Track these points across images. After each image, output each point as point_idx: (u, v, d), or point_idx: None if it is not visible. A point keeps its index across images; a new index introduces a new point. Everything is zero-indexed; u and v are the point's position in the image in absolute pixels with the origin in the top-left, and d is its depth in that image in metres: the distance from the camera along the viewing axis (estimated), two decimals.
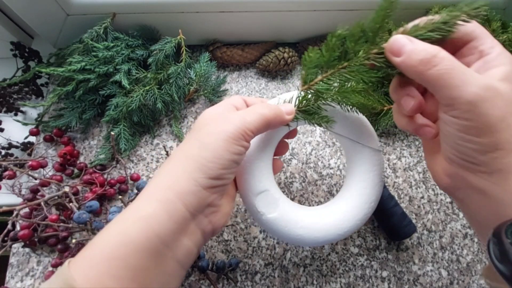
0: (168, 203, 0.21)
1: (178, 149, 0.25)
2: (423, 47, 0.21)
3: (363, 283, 0.40)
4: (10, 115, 0.49)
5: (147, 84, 0.45)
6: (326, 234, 0.29)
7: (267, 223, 0.29)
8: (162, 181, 0.22)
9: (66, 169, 0.43)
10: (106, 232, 0.21)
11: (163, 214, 0.21)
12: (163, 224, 0.21)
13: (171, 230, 0.21)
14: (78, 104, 0.45)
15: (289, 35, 0.54)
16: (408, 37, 0.22)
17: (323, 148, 0.48)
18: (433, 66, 0.20)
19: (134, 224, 0.20)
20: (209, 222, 0.24)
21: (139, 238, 0.20)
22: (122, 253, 0.19)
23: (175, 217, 0.21)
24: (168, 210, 0.21)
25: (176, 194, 0.21)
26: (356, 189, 0.31)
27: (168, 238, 0.21)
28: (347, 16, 0.50)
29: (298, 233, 0.29)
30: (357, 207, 0.31)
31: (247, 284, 0.39)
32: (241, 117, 0.24)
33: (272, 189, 0.29)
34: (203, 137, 0.23)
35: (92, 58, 0.43)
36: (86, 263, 0.20)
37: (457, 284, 0.41)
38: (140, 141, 0.47)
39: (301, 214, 0.30)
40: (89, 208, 0.36)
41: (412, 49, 0.21)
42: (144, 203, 0.22)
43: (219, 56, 0.52)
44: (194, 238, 0.23)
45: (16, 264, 0.38)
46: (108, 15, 0.45)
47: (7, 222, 0.35)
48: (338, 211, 0.31)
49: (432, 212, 0.45)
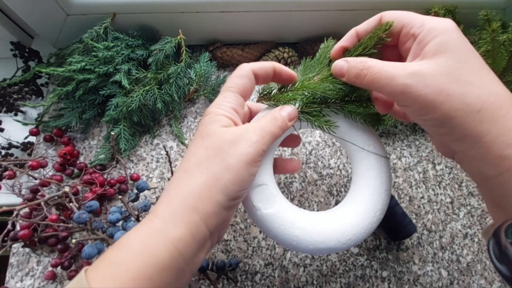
0: (194, 226, 0.22)
1: (195, 163, 0.24)
2: (353, 65, 0.25)
3: (363, 283, 0.40)
4: (10, 115, 0.49)
5: (147, 84, 0.45)
6: (325, 239, 0.27)
7: (262, 219, 0.27)
8: (187, 199, 0.23)
9: (66, 169, 0.43)
10: (130, 250, 0.21)
11: (188, 236, 0.22)
12: (188, 246, 0.22)
13: (194, 249, 0.22)
14: (78, 104, 0.45)
15: (289, 35, 0.54)
16: (344, 59, 0.27)
17: (323, 148, 0.48)
18: (364, 76, 0.25)
19: (162, 247, 0.21)
20: (218, 234, 0.26)
21: (166, 259, 0.21)
22: (149, 274, 0.20)
23: (198, 237, 0.22)
24: (193, 232, 0.22)
25: (201, 217, 0.22)
26: (361, 196, 0.29)
27: (190, 257, 0.22)
28: (347, 16, 0.50)
29: (294, 234, 0.27)
30: (361, 214, 0.28)
31: (247, 284, 0.39)
32: (256, 138, 0.24)
33: (270, 184, 0.28)
34: (224, 158, 0.23)
35: (92, 58, 0.43)
36: (110, 281, 0.20)
37: (457, 284, 0.41)
38: (140, 141, 0.47)
39: (299, 215, 0.28)
40: (89, 208, 0.36)
41: (348, 69, 0.26)
42: (169, 223, 0.22)
43: (219, 56, 0.52)
44: (207, 250, 0.25)
45: (16, 264, 0.38)
46: (108, 15, 0.45)
47: (7, 222, 0.34)
48: (340, 217, 0.29)
49: (432, 212, 0.45)
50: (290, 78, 0.29)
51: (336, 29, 0.53)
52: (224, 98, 0.26)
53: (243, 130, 0.25)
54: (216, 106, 0.26)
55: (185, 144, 0.47)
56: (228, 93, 0.27)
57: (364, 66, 0.24)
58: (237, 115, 0.27)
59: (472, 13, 0.46)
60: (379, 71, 0.23)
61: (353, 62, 0.26)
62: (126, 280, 0.20)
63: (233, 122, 0.26)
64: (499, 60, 0.40)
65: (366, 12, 0.49)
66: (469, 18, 0.48)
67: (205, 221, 0.22)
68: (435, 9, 0.48)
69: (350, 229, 0.28)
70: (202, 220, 0.22)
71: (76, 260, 0.39)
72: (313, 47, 0.52)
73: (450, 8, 0.49)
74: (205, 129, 0.25)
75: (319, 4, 0.47)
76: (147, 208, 0.38)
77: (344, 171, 0.46)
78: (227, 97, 0.27)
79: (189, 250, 0.22)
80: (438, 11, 0.48)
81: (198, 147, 0.25)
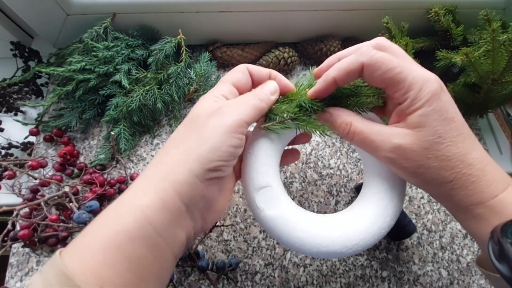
0: (163, 193, 0.21)
1: (173, 139, 0.24)
2: (339, 124, 0.27)
3: (363, 283, 0.40)
4: (10, 115, 0.49)
5: (147, 84, 0.45)
6: (330, 243, 0.26)
7: (265, 220, 0.27)
8: (158, 171, 0.22)
9: (66, 169, 0.43)
10: (99, 221, 0.21)
11: (157, 203, 0.21)
12: (157, 214, 0.21)
13: (166, 220, 0.21)
14: (78, 104, 0.45)
15: (289, 35, 0.54)
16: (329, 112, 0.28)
17: (323, 148, 0.48)
18: (351, 139, 0.26)
19: (129, 213, 0.20)
20: (202, 217, 0.24)
21: (134, 227, 0.20)
22: (118, 242, 0.19)
23: (169, 207, 0.21)
24: (163, 200, 0.21)
25: (171, 184, 0.21)
26: (371, 200, 0.28)
27: (163, 228, 0.21)
28: (347, 16, 0.50)
29: (297, 236, 0.26)
30: (370, 219, 0.27)
31: (247, 284, 0.39)
32: (236, 109, 0.24)
33: (275, 186, 0.28)
34: (201, 130, 0.23)
35: (92, 58, 0.43)
36: (80, 253, 0.19)
37: (457, 284, 0.41)
38: (140, 141, 0.47)
39: (303, 217, 0.28)
40: (89, 208, 0.36)
41: (334, 124, 0.27)
42: (138, 192, 0.22)
43: (219, 56, 0.52)
44: (186, 230, 0.23)
45: (16, 264, 0.38)
46: (108, 15, 0.45)
47: (7, 222, 0.34)
48: (348, 221, 0.28)
49: (432, 212, 0.45)
50: (286, 88, 0.29)
51: (336, 29, 0.53)
52: (216, 87, 0.27)
53: (223, 103, 0.25)
54: (207, 95, 0.26)
55: None
56: (221, 83, 0.27)
57: (350, 130, 0.26)
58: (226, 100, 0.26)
59: (472, 13, 0.46)
60: (364, 138, 0.26)
61: (339, 119, 0.27)
62: (95, 250, 0.19)
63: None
64: (499, 60, 0.40)
65: (366, 12, 0.50)
66: (469, 18, 0.48)
67: (177, 190, 0.21)
68: (435, 9, 0.48)
69: (358, 233, 0.27)
70: (173, 189, 0.21)
71: None
72: (313, 47, 0.52)
73: (450, 8, 0.49)
74: (191, 113, 0.25)
75: (319, 4, 0.47)
76: None
77: (344, 171, 0.46)
78: (219, 86, 0.27)
79: (160, 220, 0.21)
80: (438, 11, 0.48)
81: (181, 125, 0.25)
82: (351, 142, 0.27)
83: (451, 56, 0.43)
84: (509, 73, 0.41)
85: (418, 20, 0.51)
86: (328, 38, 0.53)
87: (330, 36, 0.53)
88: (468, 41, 0.48)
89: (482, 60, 0.42)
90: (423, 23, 0.51)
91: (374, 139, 0.25)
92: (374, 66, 0.24)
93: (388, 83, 0.24)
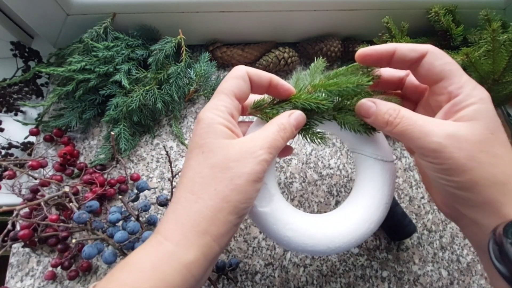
0: (206, 248, 0.22)
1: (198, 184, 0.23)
2: (385, 110, 0.25)
3: (363, 283, 0.40)
4: (10, 115, 0.49)
5: (147, 84, 0.45)
6: (315, 243, 0.27)
7: (257, 216, 0.28)
8: (199, 224, 0.22)
9: (66, 169, 0.43)
10: (141, 273, 0.21)
11: (201, 258, 0.22)
12: (200, 267, 0.22)
13: (205, 268, 0.23)
14: (78, 104, 0.45)
15: (289, 35, 0.54)
16: (372, 101, 0.26)
17: (323, 148, 0.48)
18: (395, 125, 0.24)
19: (176, 272, 0.21)
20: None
21: (179, 284, 0.21)
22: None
23: (210, 257, 0.23)
24: (206, 254, 0.22)
25: (213, 238, 0.22)
26: (360, 205, 0.29)
27: (201, 275, 0.22)
28: (347, 16, 0.50)
29: (285, 234, 0.27)
30: (355, 224, 0.28)
31: (247, 284, 0.39)
32: (265, 158, 0.24)
33: (270, 184, 0.28)
34: (233, 178, 0.23)
35: (92, 58, 0.43)
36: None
37: (457, 284, 0.41)
38: (140, 141, 0.47)
39: (293, 216, 0.28)
40: (89, 208, 0.36)
41: (377, 112, 0.25)
42: (183, 249, 0.22)
43: (219, 56, 0.52)
44: (215, 262, 0.25)
45: (16, 264, 0.38)
46: (108, 15, 0.45)
47: (7, 222, 0.34)
48: (334, 223, 0.29)
49: (432, 212, 0.45)
50: (287, 93, 0.28)
51: (336, 29, 0.53)
52: (219, 101, 0.25)
53: (249, 145, 0.24)
54: (211, 111, 0.24)
55: (185, 144, 0.47)
56: (223, 96, 0.25)
57: (397, 115, 0.24)
58: (235, 122, 0.26)
59: (472, 13, 0.46)
60: (413, 123, 0.23)
61: (384, 107, 0.25)
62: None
63: (231, 130, 0.25)
64: (499, 60, 0.40)
65: (366, 12, 0.50)
66: (469, 18, 0.48)
67: (218, 241, 0.23)
68: (435, 9, 0.48)
69: (342, 237, 0.28)
70: (215, 241, 0.23)
71: (76, 260, 0.39)
72: (313, 47, 0.52)
73: (450, 8, 0.49)
74: (204, 142, 0.24)
75: (319, 4, 0.47)
76: (147, 208, 0.38)
77: (344, 171, 0.46)
78: (222, 100, 0.25)
79: (201, 271, 0.22)
80: (438, 11, 0.48)
81: (201, 165, 0.23)
82: (392, 130, 0.25)
83: (451, 56, 0.43)
84: (509, 73, 0.41)
85: (418, 20, 0.51)
86: (328, 38, 0.53)
87: (330, 36, 0.53)
88: (468, 41, 0.48)
89: (482, 60, 0.42)
90: (423, 23, 0.51)
91: (424, 124, 0.23)
92: (439, 54, 0.24)
93: (446, 74, 0.24)
